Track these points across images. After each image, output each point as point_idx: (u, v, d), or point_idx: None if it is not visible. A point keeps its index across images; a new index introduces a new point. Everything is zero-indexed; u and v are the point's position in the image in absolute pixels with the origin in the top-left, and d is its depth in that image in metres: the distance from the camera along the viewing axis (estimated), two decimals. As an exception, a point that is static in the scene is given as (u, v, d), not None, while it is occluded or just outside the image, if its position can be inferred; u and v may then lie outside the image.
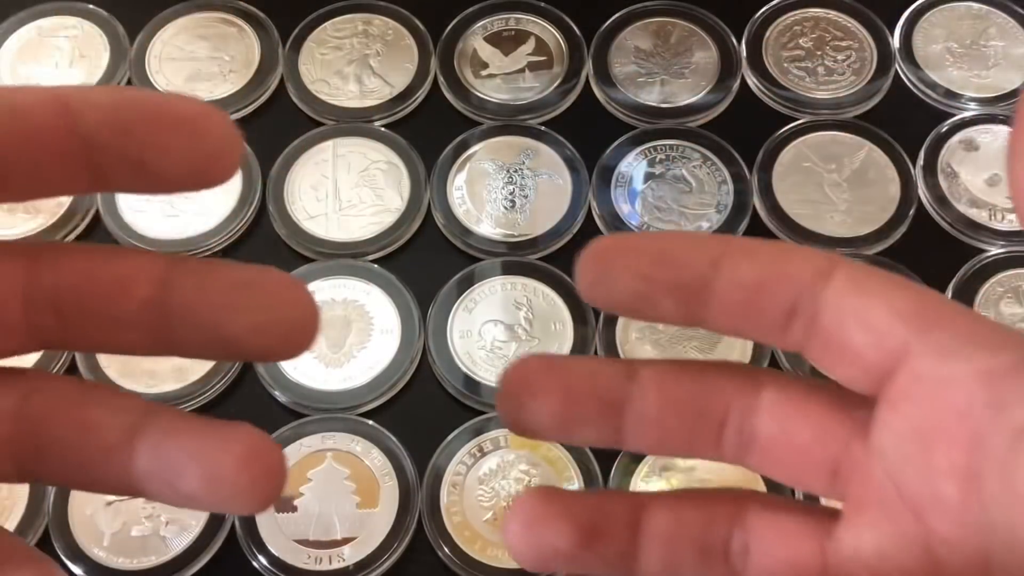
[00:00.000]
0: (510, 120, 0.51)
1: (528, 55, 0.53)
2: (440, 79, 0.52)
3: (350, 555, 0.42)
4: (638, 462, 0.43)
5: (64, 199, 0.49)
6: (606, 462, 0.43)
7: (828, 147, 0.50)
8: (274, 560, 0.42)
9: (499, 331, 0.46)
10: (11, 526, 0.42)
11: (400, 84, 0.52)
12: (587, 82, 0.52)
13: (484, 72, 0.53)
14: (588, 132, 0.51)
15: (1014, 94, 0.51)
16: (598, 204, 0.49)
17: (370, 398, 0.45)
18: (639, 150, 0.50)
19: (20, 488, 0.43)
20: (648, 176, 0.50)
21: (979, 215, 0.48)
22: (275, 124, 0.52)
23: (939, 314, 0.23)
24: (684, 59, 0.53)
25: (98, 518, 0.43)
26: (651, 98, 0.52)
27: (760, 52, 0.53)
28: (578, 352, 0.46)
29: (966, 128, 0.51)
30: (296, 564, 0.42)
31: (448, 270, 0.48)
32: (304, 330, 0.23)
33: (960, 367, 0.22)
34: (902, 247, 0.48)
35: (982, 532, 0.22)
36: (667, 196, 0.49)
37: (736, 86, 0.52)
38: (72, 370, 0.46)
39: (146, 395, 0.45)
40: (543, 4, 0.54)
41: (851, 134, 0.51)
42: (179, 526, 0.42)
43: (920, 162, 0.50)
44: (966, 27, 0.53)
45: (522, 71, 0.53)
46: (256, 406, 0.45)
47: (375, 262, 0.48)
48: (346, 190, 0.50)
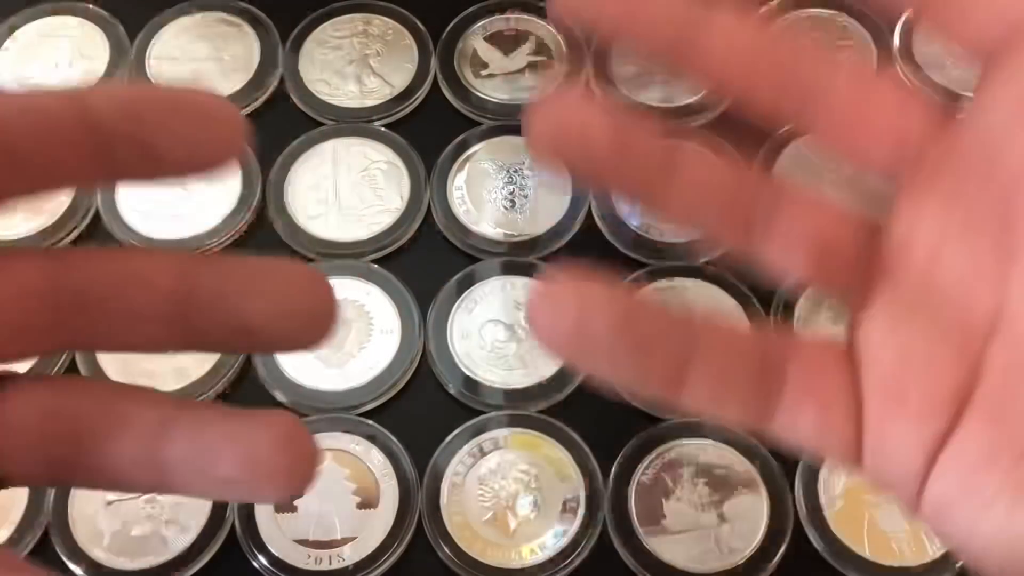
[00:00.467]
0: (510, 120, 0.51)
1: (528, 55, 0.53)
2: (440, 79, 0.52)
3: (350, 555, 0.42)
4: (638, 461, 0.43)
5: (65, 199, 0.49)
6: (606, 462, 0.43)
7: (828, 147, 0.50)
8: (274, 560, 0.42)
9: (499, 331, 0.46)
10: (11, 526, 0.42)
11: (400, 84, 0.52)
12: (587, 82, 0.52)
13: (484, 72, 0.53)
14: (588, 132, 0.51)
15: (1014, 94, 0.51)
16: (598, 204, 0.49)
17: (370, 398, 0.45)
18: (639, 150, 0.50)
19: (20, 488, 0.43)
20: (648, 176, 0.50)
21: (979, 215, 0.48)
22: (275, 124, 0.52)
23: None
24: (684, 59, 0.53)
25: (98, 518, 0.43)
26: (651, 98, 0.52)
27: (760, 52, 0.53)
28: (578, 352, 0.45)
29: (966, 128, 0.50)
30: (296, 564, 0.42)
31: (448, 270, 0.48)
32: (324, 317, 0.24)
33: None
34: (902, 247, 0.48)
35: None
36: (667, 196, 0.49)
37: (736, 86, 0.52)
38: (72, 370, 0.46)
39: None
40: (543, 4, 0.54)
41: (851, 134, 0.50)
42: (179, 526, 0.42)
43: (920, 162, 0.50)
44: (966, 27, 0.53)
45: (522, 71, 0.53)
46: (256, 406, 0.45)
47: (375, 262, 0.48)
48: (346, 190, 0.50)
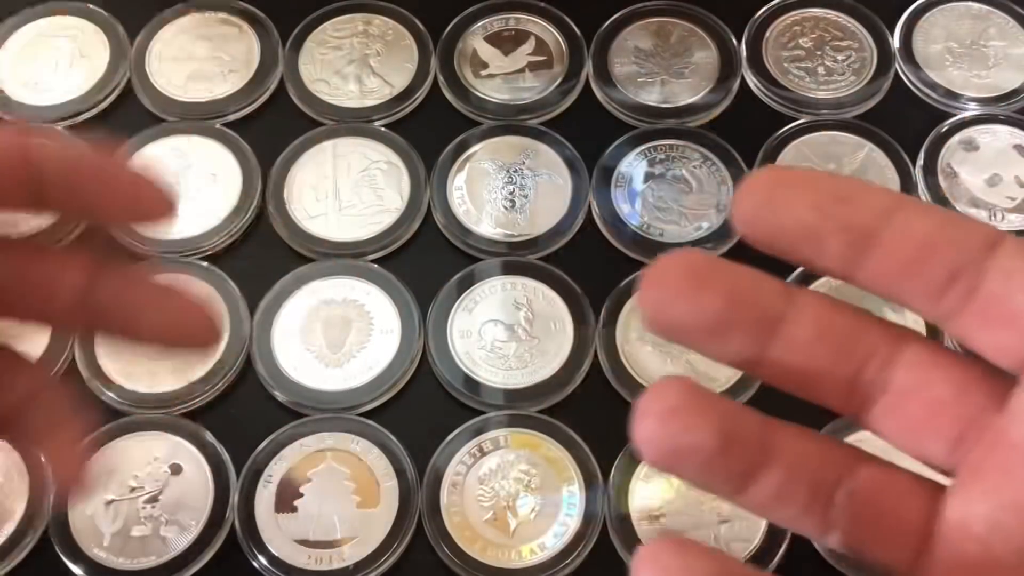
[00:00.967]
0: (510, 120, 0.51)
1: (528, 55, 0.53)
2: (440, 79, 0.52)
3: (350, 555, 0.42)
4: (638, 461, 0.43)
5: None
6: (606, 462, 0.43)
7: (828, 147, 0.50)
8: (274, 560, 0.42)
9: (499, 331, 0.46)
10: (11, 526, 0.42)
11: (400, 84, 0.52)
12: (587, 82, 0.52)
13: (484, 72, 0.53)
14: (588, 132, 0.51)
15: (1014, 94, 0.51)
16: (598, 204, 0.49)
17: (370, 398, 0.45)
18: (639, 150, 0.50)
19: (20, 488, 0.43)
20: (648, 176, 0.50)
21: (979, 215, 0.48)
22: (275, 124, 0.52)
23: None
24: (684, 59, 0.53)
25: (98, 518, 0.43)
26: (651, 98, 0.52)
27: (760, 52, 0.53)
28: (578, 352, 0.46)
29: (966, 128, 0.51)
30: (296, 564, 0.42)
31: (448, 270, 0.48)
32: (206, 342, 0.29)
33: None
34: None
35: None
36: (667, 196, 0.49)
37: (736, 86, 0.52)
38: (72, 369, 0.46)
39: (146, 395, 0.45)
40: (543, 4, 0.54)
41: (851, 134, 0.50)
42: (179, 526, 0.42)
43: (920, 162, 0.50)
44: (966, 27, 0.53)
45: (522, 71, 0.53)
46: (256, 406, 0.45)
47: (375, 262, 0.48)
48: (346, 190, 0.50)
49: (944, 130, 0.50)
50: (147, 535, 0.42)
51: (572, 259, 0.48)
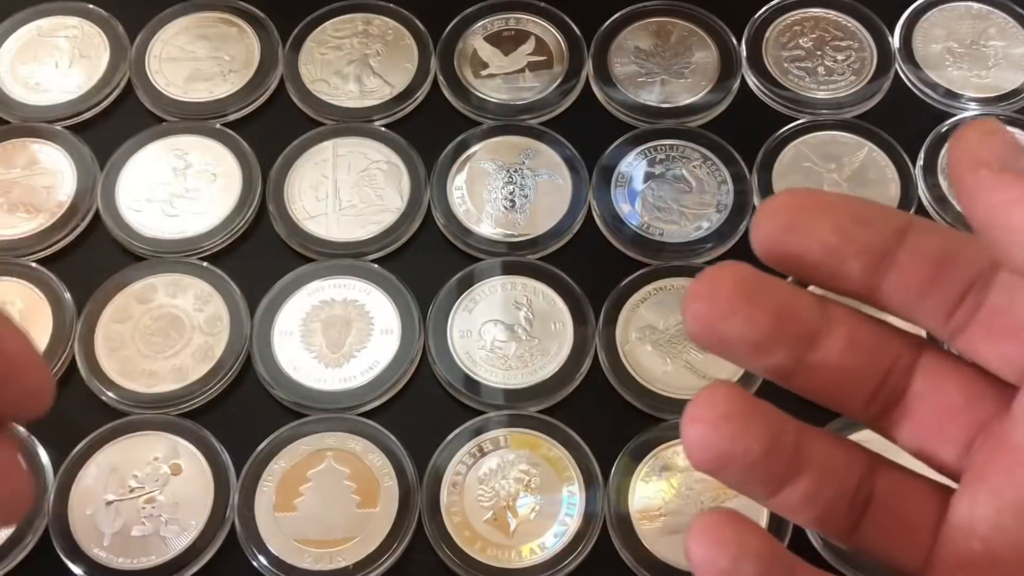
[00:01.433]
0: (510, 120, 0.51)
1: (528, 55, 0.53)
2: (440, 79, 0.52)
3: (350, 555, 0.42)
4: (638, 461, 0.43)
5: (65, 198, 0.49)
6: (606, 462, 0.43)
7: (828, 147, 0.50)
8: (274, 560, 0.42)
9: (499, 331, 0.46)
10: (11, 526, 0.42)
11: (400, 84, 0.52)
12: (587, 82, 0.52)
13: (484, 72, 0.53)
14: (588, 132, 0.51)
15: (1014, 94, 0.51)
16: (598, 204, 0.49)
17: (370, 398, 0.45)
18: (639, 150, 0.50)
19: (20, 488, 0.43)
20: (648, 176, 0.50)
21: (979, 215, 0.48)
22: (275, 124, 0.52)
23: None
24: (684, 59, 0.53)
25: (98, 518, 0.43)
26: (651, 98, 0.52)
27: (760, 52, 0.53)
28: (578, 353, 0.46)
29: (966, 128, 0.51)
30: (296, 564, 0.42)
31: (448, 270, 0.48)
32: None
33: None
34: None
35: None
36: (667, 196, 0.49)
37: (736, 86, 0.52)
38: (72, 369, 0.46)
39: (146, 395, 0.45)
40: (543, 4, 0.54)
41: (851, 134, 0.50)
42: (179, 526, 0.42)
43: (920, 162, 0.50)
44: (966, 27, 0.53)
45: (522, 71, 0.53)
46: (256, 406, 0.45)
47: (375, 262, 0.48)
48: (346, 190, 0.50)
49: (944, 130, 0.50)
50: (147, 535, 0.42)
51: (572, 259, 0.48)
